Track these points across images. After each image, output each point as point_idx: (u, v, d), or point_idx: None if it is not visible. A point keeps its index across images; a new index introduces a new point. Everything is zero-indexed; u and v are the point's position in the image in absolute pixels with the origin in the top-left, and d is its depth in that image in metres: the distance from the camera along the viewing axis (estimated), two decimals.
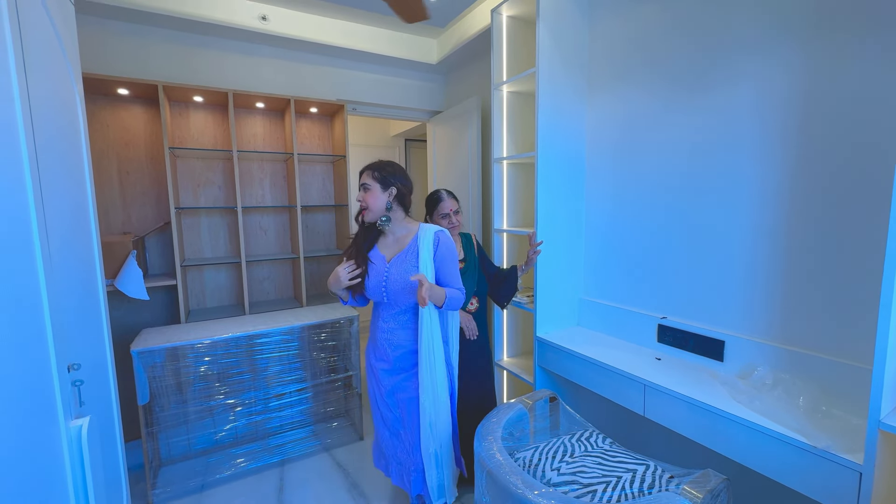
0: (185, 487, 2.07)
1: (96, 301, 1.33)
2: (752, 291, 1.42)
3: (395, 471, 1.62)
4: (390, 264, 1.46)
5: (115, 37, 2.28)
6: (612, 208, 1.90)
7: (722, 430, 1.23)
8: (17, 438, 0.71)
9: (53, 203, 0.98)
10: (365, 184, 1.43)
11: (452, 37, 2.83)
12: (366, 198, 1.43)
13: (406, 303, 1.48)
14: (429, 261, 1.45)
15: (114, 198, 2.35)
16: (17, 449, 0.70)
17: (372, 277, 1.47)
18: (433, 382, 1.50)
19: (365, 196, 1.43)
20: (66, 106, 1.19)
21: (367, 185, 1.43)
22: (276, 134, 2.82)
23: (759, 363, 1.38)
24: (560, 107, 1.89)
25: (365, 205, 1.43)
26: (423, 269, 1.44)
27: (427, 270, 1.44)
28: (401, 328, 1.52)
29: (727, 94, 1.45)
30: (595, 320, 1.99)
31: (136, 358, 1.88)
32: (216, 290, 2.70)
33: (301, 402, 2.45)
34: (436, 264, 1.47)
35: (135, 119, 2.38)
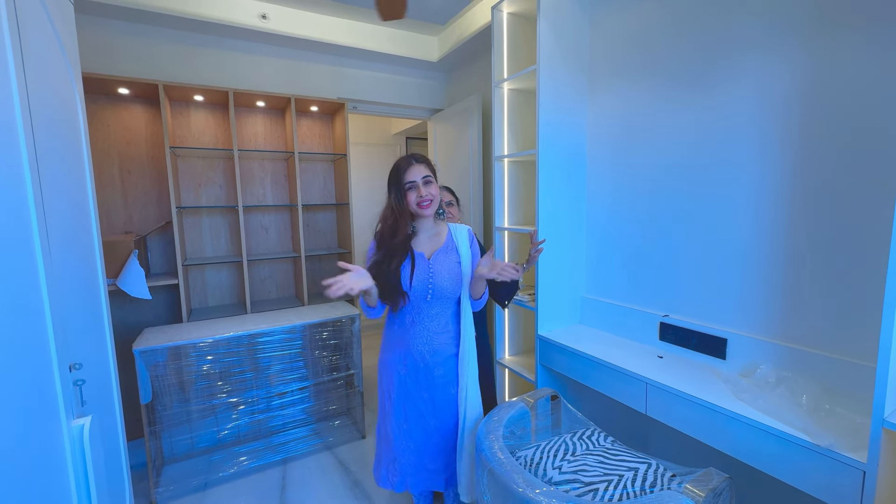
0: (187, 486, 2.08)
1: (98, 300, 1.33)
2: (754, 289, 1.42)
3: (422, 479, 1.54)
4: (433, 260, 1.43)
5: (115, 36, 2.28)
6: (613, 206, 1.89)
7: (724, 429, 1.22)
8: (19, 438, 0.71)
9: (54, 202, 0.98)
10: (426, 176, 1.39)
11: (453, 34, 2.82)
12: (430, 190, 1.39)
13: (451, 297, 1.45)
14: (467, 256, 1.47)
15: (115, 197, 2.36)
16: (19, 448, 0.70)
17: (416, 276, 1.40)
18: (472, 380, 1.50)
19: (429, 189, 1.39)
20: (65, 105, 1.19)
21: (428, 177, 1.40)
22: (276, 133, 2.82)
23: (761, 361, 1.37)
24: (561, 104, 1.88)
25: (430, 197, 1.39)
26: (465, 263, 1.45)
27: (467, 264, 1.46)
28: (442, 331, 1.47)
29: (728, 91, 1.44)
30: (597, 318, 1.98)
31: (139, 357, 1.88)
32: (218, 289, 2.70)
33: (303, 400, 2.46)
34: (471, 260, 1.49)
35: (136, 118, 2.38)
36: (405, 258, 1.40)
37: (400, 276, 1.39)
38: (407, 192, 1.39)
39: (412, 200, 1.39)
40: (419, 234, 1.47)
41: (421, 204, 1.38)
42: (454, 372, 1.49)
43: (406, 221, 1.41)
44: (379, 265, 1.40)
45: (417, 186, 1.38)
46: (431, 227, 1.48)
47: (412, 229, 1.44)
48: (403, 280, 1.39)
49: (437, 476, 1.54)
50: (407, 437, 1.50)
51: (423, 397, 1.48)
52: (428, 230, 1.48)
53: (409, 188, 1.39)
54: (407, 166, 1.40)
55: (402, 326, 1.47)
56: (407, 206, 1.40)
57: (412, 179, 1.38)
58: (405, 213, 1.40)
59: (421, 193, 1.38)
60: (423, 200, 1.38)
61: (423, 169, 1.40)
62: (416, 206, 1.39)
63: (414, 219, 1.44)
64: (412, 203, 1.39)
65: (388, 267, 1.38)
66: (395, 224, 1.40)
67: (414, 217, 1.43)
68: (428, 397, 1.48)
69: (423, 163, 1.42)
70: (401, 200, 1.40)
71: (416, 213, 1.42)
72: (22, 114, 0.82)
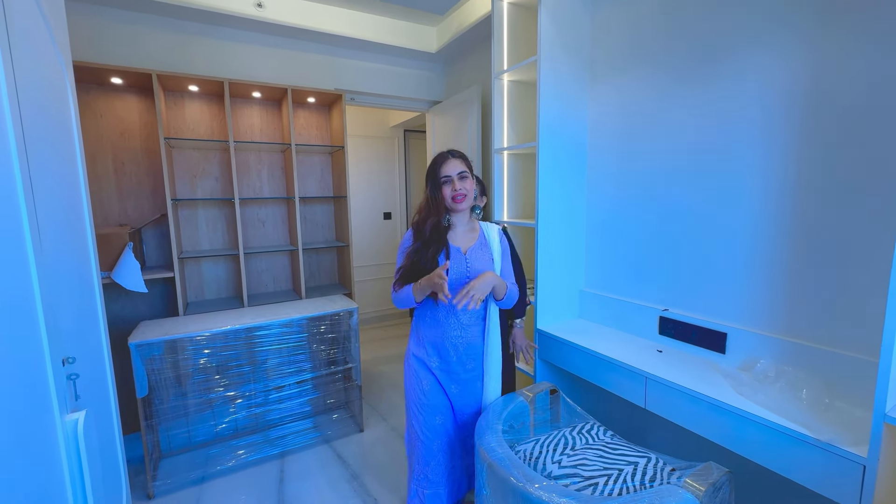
0: (185, 479, 2.08)
1: (91, 293, 1.31)
2: (754, 283, 1.41)
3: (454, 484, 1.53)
4: (468, 255, 1.45)
5: (108, 24, 2.23)
6: (613, 199, 1.87)
7: (724, 423, 1.22)
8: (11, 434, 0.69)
9: (45, 194, 0.95)
10: (462, 172, 1.41)
11: (452, 25, 2.78)
12: (465, 185, 1.40)
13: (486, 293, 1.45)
14: (499, 253, 1.49)
15: (109, 189, 2.32)
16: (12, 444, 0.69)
17: (453, 269, 1.41)
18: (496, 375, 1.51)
19: (464, 184, 1.40)
20: (56, 94, 1.16)
21: (464, 172, 1.41)
22: (273, 124, 2.79)
23: (761, 355, 1.37)
24: (562, 96, 1.85)
25: (465, 192, 1.40)
26: (497, 259, 1.47)
27: (498, 261, 1.47)
28: (474, 324, 1.48)
29: (730, 83, 1.42)
30: (596, 312, 1.98)
31: (135, 351, 1.87)
32: (214, 282, 2.68)
33: (301, 394, 2.45)
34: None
35: (129, 109, 2.34)
36: (441, 249, 1.41)
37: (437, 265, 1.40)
38: (442, 186, 1.41)
39: (447, 194, 1.41)
40: (456, 228, 1.48)
41: (455, 198, 1.40)
42: (481, 367, 1.50)
43: (441, 214, 1.43)
44: (416, 254, 1.42)
45: (452, 181, 1.40)
46: (467, 223, 1.50)
47: (447, 221, 1.45)
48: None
49: (465, 474, 1.54)
50: (436, 434, 1.48)
51: (452, 391, 1.49)
52: (463, 225, 1.49)
53: (445, 182, 1.41)
54: (443, 161, 1.42)
55: (436, 319, 1.46)
56: (442, 200, 1.42)
57: (447, 174, 1.40)
58: (440, 206, 1.43)
59: (455, 188, 1.40)
60: (458, 195, 1.40)
61: (459, 164, 1.42)
62: (450, 201, 1.41)
63: (449, 212, 1.45)
64: (447, 197, 1.41)
65: (426, 256, 1.40)
66: (430, 215, 1.42)
67: (449, 210, 1.45)
68: (457, 391, 1.49)
69: (460, 158, 1.44)
70: (436, 193, 1.42)
71: (450, 208, 1.43)
72: (10, 104, 0.79)
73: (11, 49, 0.83)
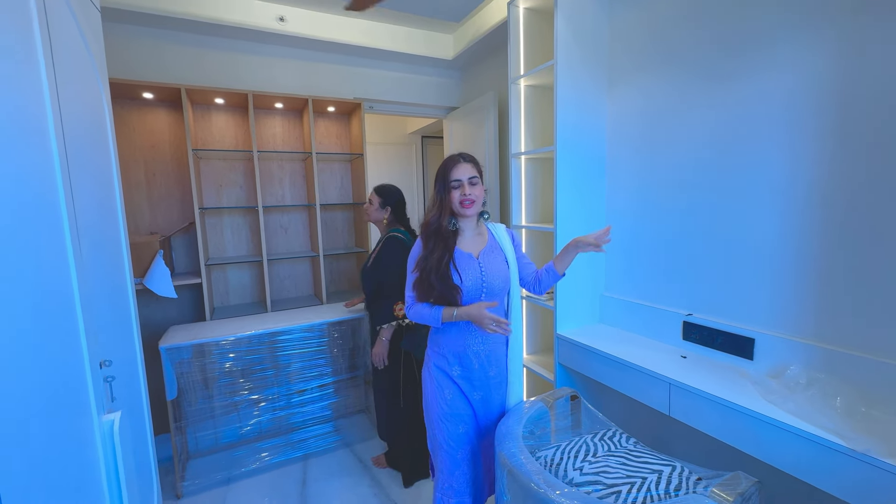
0: (212, 480, 2.13)
1: (126, 299, 1.37)
2: (783, 287, 1.37)
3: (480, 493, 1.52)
4: (481, 259, 1.43)
5: (139, 41, 2.34)
6: (633, 202, 1.85)
7: (752, 431, 1.18)
8: (53, 432, 0.73)
9: (84, 206, 1.01)
10: (473, 177, 1.39)
11: (468, 31, 2.81)
12: (474, 191, 1.39)
13: (502, 293, 1.45)
14: (512, 253, 1.48)
15: (141, 199, 2.43)
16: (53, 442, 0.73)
17: (468, 276, 1.39)
18: (518, 380, 1.51)
19: (473, 190, 1.39)
20: (94, 111, 1.22)
21: (475, 178, 1.40)
22: (294, 134, 2.86)
23: (791, 362, 1.33)
24: (579, 100, 1.84)
25: (473, 198, 1.39)
26: (511, 259, 1.47)
27: (512, 262, 1.47)
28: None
29: (755, 83, 1.39)
30: (617, 317, 1.95)
31: (165, 354, 1.94)
32: (239, 288, 2.76)
33: (322, 398, 2.49)
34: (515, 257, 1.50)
35: (159, 122, 2.44)
36: (447, 253, 1.39)
37: (450, 271, 1.38)
38: (451, 190, 1.40)
39: (455, 199, 1.39)
40: (464, 233, 1.46)
41: (464, 203, 1.39)
42: (504, 372, 1.49)
43: (447, 217, 1.41)
44: (425, 261, 1.39)
45: (462, 185, 1.38)
46: (475, 227, 1.49)
47: (453, 225, 1.43)
48: (455, 276, 1.38)
49: (486, 480, 1.53)
50: (460, 444, 1.45)
51: (475, 398, 1.46)
52: (471, 230, 1.48)
53: (454, 186, 1.39)
54: (454, 164, 1.40)
55: (457, 326, 1.43)
56: (449, 203, 1.41)
57: (458, 178, 1.39)
58: (447, 209, 1.41)
59: (465, 192, 1.38)
60: (466, 200, 1.38)
61: (471, 169, 1.40)
62: (458, 205, 1.39)
63: (455, 216, 1.44)
64: (455, 201, 1.40)
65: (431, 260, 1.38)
66: (437, 218, 1.41)
67: (455, 214, 1.43)
68: (480, 398, 1.46)
69: (471, 162, 1.42)
70: (444, 195, 1.41)
71: (457, 212, 1.42)
72: (53, 120, 0.85)
73: (56, 70, 0.89)
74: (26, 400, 0.64)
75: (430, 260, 1.38)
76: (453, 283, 1.37)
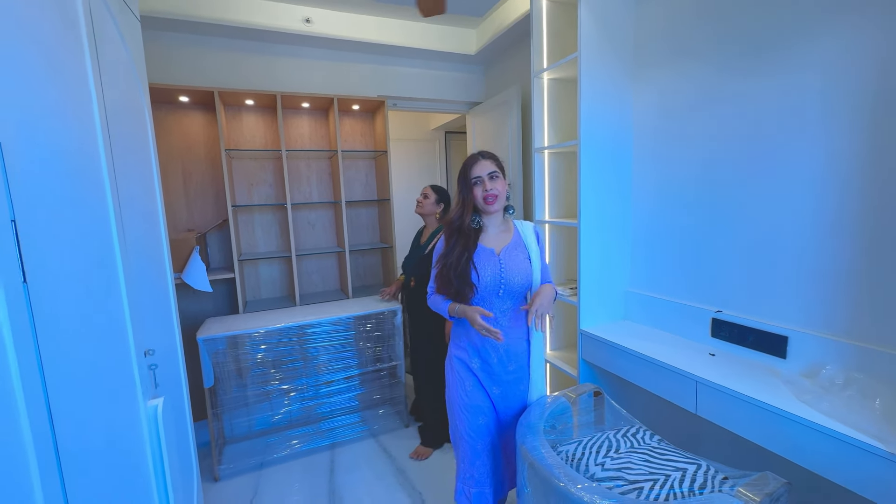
0: (246, 465, 2.24)
1: (166, 293, 1.46)
2: (819, 283, 1.31)
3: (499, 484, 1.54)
4: (502, 255, 1.43)
5: (174, 47, 2.45)
6: (660, 197, 1.81)
7: (784, 432, 1.15)
8: (104, 416, 0.80)
9: (128, 206, 1.08)
10: (493, 172, 1.41)
11: (491, 26, 2.79)
12: (496, 186, 1.40)
13: (521, 292, 1.46)
14: (536, 252, 1.48)
15: (178, 198, 2.55)
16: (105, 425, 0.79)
17: (486, 272, 1.40)
18: (540, 376, 1.51)
19: (495, 184, 1.40)
20: (136, 115, 1.30)
21: (494, 173, 1.41)
22: (320, 132, 2.93)
23: (827, 361, 1.27)
24: (604, 92, 1.81)
25: (496, 192, 1.40)
26: (535, 258, 1.47)
27: (536, 260, 1.47)
28: (515, 327, 1.47)
29: (789, 75, 1.33)
30: (642, 314, 1.91)
31: (202, 345, 2.04)
32: (270, 282, 2.86)
33: (349, 389, 2.56)
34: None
35: (194, 124, 2.55)
36: (467, 251, 1.41)
37: (469, 267, 1.40)
38: (473, 187, 1.41)
39: (478, 195, 1.41)
40: (488, 230, 1.48)
41: (486, 199, 1.40)
42: (525, 368, 1.50)
43: (469, 215, 1.43)
44: (445, 258, 1.43)
45: (483, 181, 1.40)
46: (500, 224, 1.50)
47: (476, 223, 1.45)
48: (472, 274, 1.41)
49: (507, 473, 1.55)
50: (480, 435, 1.48)
51: (494, 393, 1.48)
52: (497, 226, 1.49)
53: (475, 183, 1.41)
54: (473, 162, 1.42)
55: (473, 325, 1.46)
56: (472, 201, 1.42)
57: (478, 175, 1.41)
58: (469, 206, 1.43)
59: (486, 188, 1.39)
60: (489, 195, 1.40)
61: (490, 165, 1.42)
62: (481, 202, 1.41)
63: (480, 213, 1.45)
64: (478, 198, 1.41)
65: (454, 258, 1.41)
66: (459, 217, 1.43)
67: (480, 212, 1.45)
68: (499, 393, 1.48)
69: (490, 159, 1.44)
70: (467, 194, 1.43)
71: (481, 209, 1.43)
72: (101, 126, 0.91)
73: (102, 78, 0.96)
74: (82, 385, 0.70)
75: (450, 256, 1.41)
76: (470, 281, 1.40)
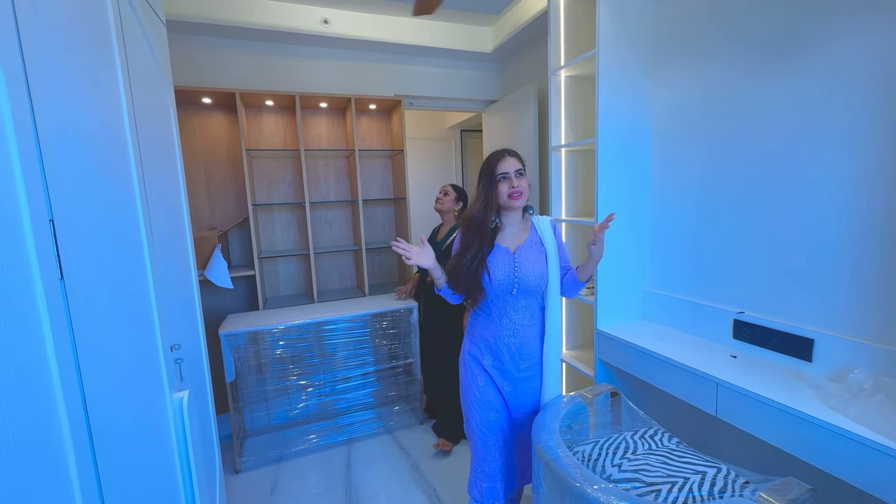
0: (266, 457, 2.30)
1: (190, 289, 1.50)
2: (848, 285, 1.27)
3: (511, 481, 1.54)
4: (517, 254, 1.43)
5: (197, 50, 2.51)
6: (680, 196, 1.77)
7: (808, 437, 1.12)
8: (134, 408, 0.83)
9: (155, 205, 1.12)
10: (519, 170, 1.41)
11: (507, 23, 2.78)
12: (521, 183, 1.40)
13: (537, 291, 1.45)
14: (553, 248, 1.47)
15: (201, 196, 2.62)
16: (134, 416, 0.83)
17: (498, 270, 1.41)
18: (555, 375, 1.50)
19: (520, 182, 1.40)
20: (162, 117, 1.34)
21: (521, 171, 1.41)
22: (338, 132, 2.97)
23: (856, 365, 1.23)
24: (622, 89, 1.79)
25: (521, 189, 1.39)
26: (552, 255, 1.45)
27: (553, 257, 1.46)
28: (528, 325, 1.46)
29: (819, 66, 1.28)
30: (661, 314, 1.88)
31: (224, 340, 2.10)
32: (288, 279, 2.92)
33: (365, 385, 2.60)
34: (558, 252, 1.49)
35: (216, 124, 2.62)
36: (487, 254, 1.42)
37: (481, 269, 1.41)
38: (498, 184, 1.40)
39: (503, 191, 1.40)
40: (505, 229, 1.47)
41: (512, 195, 1.39)
42: (538, 366, 1.49)
43: (491, 212, 1.42)
44: (460, 256, 1.44)
45: (510, 178, 1.39)
46: (518, 223, 1.49)
47: (495, 223, 1.45)
48: (484, 273, 1.41)
49: (519, 470, 1.55)
50: (492, 431, 1.48)
51: (506, 390, 1.48)
52: (514, 224, 1.48)
53: (501, 179, 1.40)
54: (500, 159, 1.42)
55: (489, 319, 1.47)
56: (496, 197, 1.42)
57: (505, 171, 1.40)
58: (493, 203, 1.42)
59: (513, 184, 1.39)
60: (515, 191, 1.39)
61: (516, 162, 1.42)
62: (506, 198, 1.40)
63: (501, 212, 1.45)
64: (503, 194, 1.40)
65: (468, 256, 1.41)
66: (482, 214, 1.43)
67: (501, 210, 1.45)
68: (510, 390, 1.48)
69: (515, 157, 1.44)
70: (490, 190, 1.42)
71: (505, 205, 1.42)
72: (130, 129, 0.95)
73: (131, 81, 0.99)
74: (114, 377, 0.74)
75: (464, 256, 1.42)
76: (479, 284, 1.41)
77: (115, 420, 0.71)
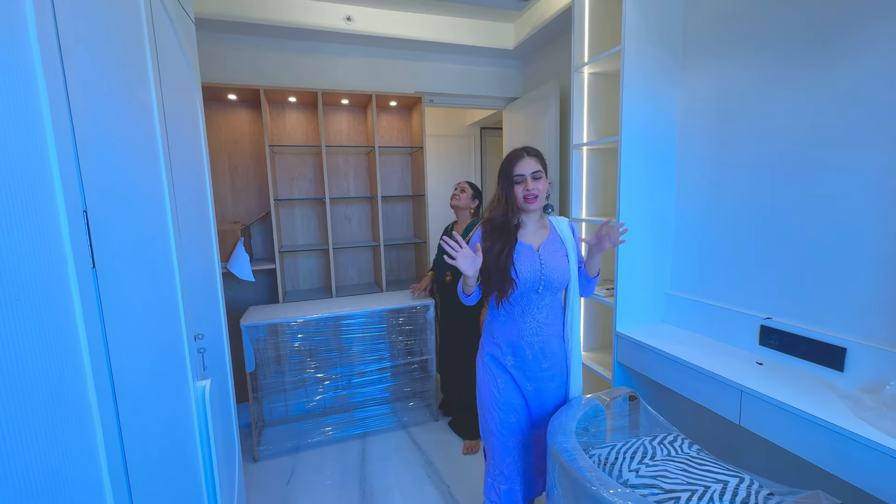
0: (283, 447, 2.35)
1: (214, 281, 1.54)
2: (883, 291, 1.21)
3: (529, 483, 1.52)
4: (541, 251, 1.42)
5: (224, 47, 2.57)
6: (706, 197, 1.72)
7: (838, 449, 1.07)
8: (159, 395, 0.86)
9: (182, 198, 1.15)
10: (537, 171, 1.37)
11: (531, 19, 2.74)
12: (537, 186, 1.36)
13: (560, 288, 1.44)
14: (573, 247, 1.46)
15: (225, 190, 2.69)
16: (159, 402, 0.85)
17: (525, 267, 1.38)
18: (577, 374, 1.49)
19: (537, 184, 1.36)
20: (189, 113, 1.38)
21: (538, 172, 1.37)
22: (358, 128, 2.99)
23: (891, 377, 1.18)
24: (648, 87, 1.74)
25: (537, 192, 1.36)
26: (571, 253, 1.45)
27: (573, 255, 1.45)
28: (550, 323, 1.45)
29: (854, 65, 1.22)
30: (683, 317, 1.84)
31: (245, 331, 2.15)
32: (308, 273, 2.96)
33: (381, 380, 2.62)
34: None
35: (241, 120, 2.67)
36: (507, 247, 1.39)
37: (510, 264, 1.38)
38: (514, 185, 1.38)
39: (518, 194, 1.38)
40: (526, 226, 1.45)
41: (527, 198, 1.37)
42: (560, 364, 1.48)
43: (512, 212, 1.40)
44: (486, 252, 1.40)
45: (525, 180, 1.36)
46: (538, 220, 1.48)
47: (517, 220, 1.43)
48: (511, 270, 1.39)
49: (538, 472, 1.53)
50: (511, 432, 1.46)
51: (528, 389, 1.47)
52: (534, 222, 1.47)
53: (518, 181, 1.37)
54: (518, 159, 1.38)
55: (511, 318, 1.44)
56: (513, 199, 1.39)
57: (521, 173, 1.37)
58: (511, 204, 1.40)
59: (528, 188, 1.36)
60: (530, 195, 1.36)
61: (534, 163, 1.38)
62: (521, 200, 1.38)
63: (520, 211, 1.43)
64: (518, 196, 1.38)
65: (494, 253, 1.38)
66: (499, 213, 1.41)
67: (520, 210, 1.42)
68: (532, 389, 1.46)
69: (535, 157, 1.40)
70: (507, 191, 1.39)
71: (521, 208, 1.40)
72: (159, 124, 0.97)
73: (161, 78, 1.02)
74: (141, 365, 0.76)
75: (491, 252, 1.39)
76: (509, 277, 1.38)
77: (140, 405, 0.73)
